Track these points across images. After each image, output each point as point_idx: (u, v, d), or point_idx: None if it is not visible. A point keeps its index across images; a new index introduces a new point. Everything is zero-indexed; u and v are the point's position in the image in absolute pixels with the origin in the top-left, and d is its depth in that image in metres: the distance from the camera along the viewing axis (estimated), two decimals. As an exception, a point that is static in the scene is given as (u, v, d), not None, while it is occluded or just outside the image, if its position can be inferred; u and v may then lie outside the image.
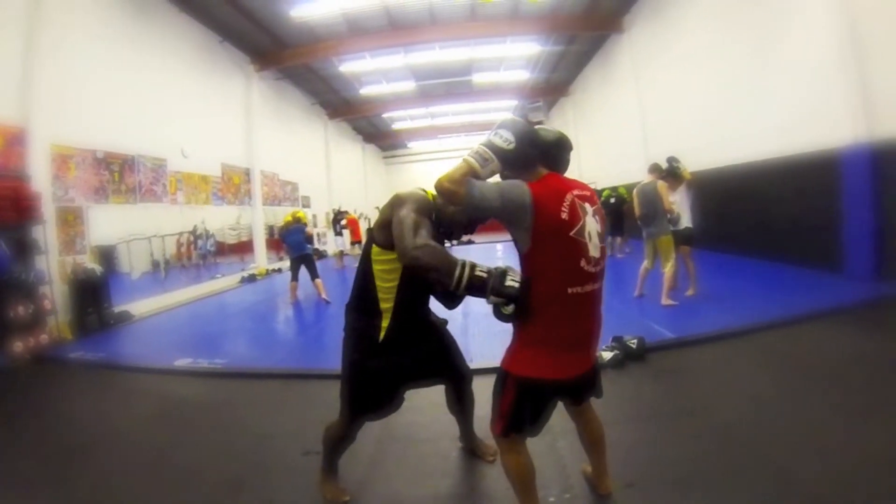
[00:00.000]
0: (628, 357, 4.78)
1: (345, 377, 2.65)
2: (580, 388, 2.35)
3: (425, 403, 2.90)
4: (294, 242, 9.10)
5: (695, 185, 7.10)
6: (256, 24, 12.85)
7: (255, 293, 11.67)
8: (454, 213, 2.42)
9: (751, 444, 3.03)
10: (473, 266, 2.02)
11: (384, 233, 2.37)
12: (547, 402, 2.24)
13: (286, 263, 15.44)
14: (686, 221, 7.06)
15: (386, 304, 2.46)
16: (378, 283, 2.46)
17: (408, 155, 37.03)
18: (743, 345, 4.96)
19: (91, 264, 8.12)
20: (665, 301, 6.67)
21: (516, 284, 2.00)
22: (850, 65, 6.98)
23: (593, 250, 2.09)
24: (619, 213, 12.08)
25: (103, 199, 8.70)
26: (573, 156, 2.34)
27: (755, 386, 3.94)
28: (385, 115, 25.81)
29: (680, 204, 6.96)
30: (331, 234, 17.40)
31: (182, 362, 5.75)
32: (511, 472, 2.29)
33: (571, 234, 2.04)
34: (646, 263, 7.11)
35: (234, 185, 13.28)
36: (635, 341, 4.88)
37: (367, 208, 27.13)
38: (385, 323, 2.48)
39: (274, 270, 14.73)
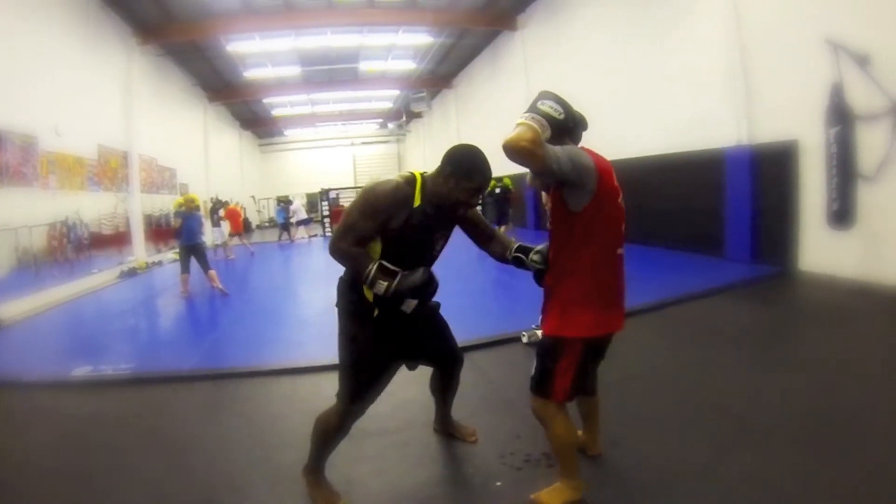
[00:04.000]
0: (561, 335, 5.04)
1: (347, 356, 2.49)
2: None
3: (382, 395, 2.78)
4: (187, 229, 8.54)
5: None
6: (145, -10, 11.73)
7: (140, 288, 10.79)
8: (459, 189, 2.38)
9: (694, 394, 3.58)
10: (376, 277, 2.22)
11: None
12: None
13: (167, 256, 14.57)
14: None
15: None
16: None
17: (284, 143, 36.14)
18: (654, 318, 5.57)
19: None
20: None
21: (416, 282, 2.24)
22: (738, 75, 7.91)
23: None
24: (505, 202, 12.54)
25: (-35, 181, 7.58)
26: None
27: (677, 349, 4.64)
28: (265, 101, 24.90)
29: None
30: (208, 224, 16.38)
31: (81, 372, 4.92)
32: (563, 439, 2.30)
33: (619, 200, 2.20)
34: None
35: (111, 170, 12.07)
36: (565, 320, 5.13)
37: (243, 197, 25.99)
38: (371, 296, 2.41)
39: (154, 263, 13.66)
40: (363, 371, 2.46)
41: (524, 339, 4.91)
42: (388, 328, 2.44)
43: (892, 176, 6.00)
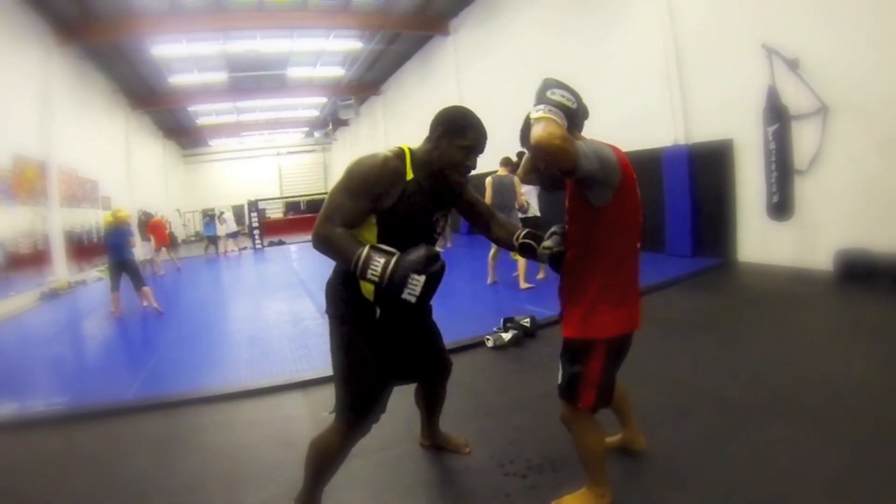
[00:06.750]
0: (525, 335, 5.00)
1: (343, 368, 2.21)
2: None
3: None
4: (114, 245, 8.02)
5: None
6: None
7: (64, 311, 10.07)
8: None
9: (674, 381, 3.67)
10: (368, 258, 1.92)
11: None
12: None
13: (91, 274, 13.70)
14: (535, 210, 7.64)
15: None
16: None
17: (209, 154, 35.15)
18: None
19: None
20: (524, 285, 7.11)
21: (421, 257, 1.94)
22: (673, 78, 8.29)
23: None
24: None
25: None
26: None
27: (643, 341, 4.63)
28: (190, 109, 23.99)
29: (528, 195, 7.50)
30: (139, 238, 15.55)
31: (5, 410, 4.24)
32: (590, 447, 2.20)
33: (637, 191, 2.11)
34: (493, 251, 7.44)
35: (27, 182, 11.08)
36: (528, 321, 5.11)
37: (168, 210, 24.91)
38: (371, 290, 2.13)
39: (77, 283, 12.77)
40: (363, 382, 2.20)
41: (489, 343, 4.83)
42: (388, 332, 2.23)
43: (822, 169, 6.42)
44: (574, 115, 1.91)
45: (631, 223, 2.11)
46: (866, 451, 2.52)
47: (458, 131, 2.14)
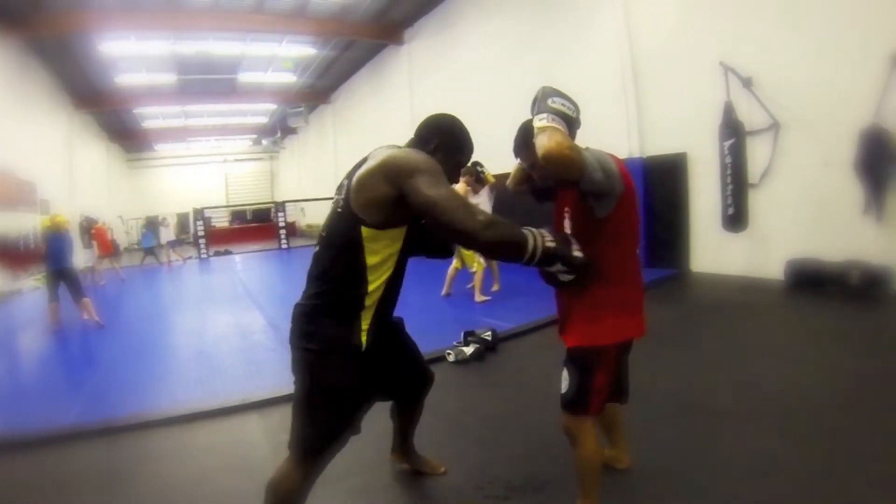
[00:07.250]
0: (487, 349, 4.91)
1: (318, 406, 1.98)
2: None
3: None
4: (53, 252, 7.57)
5: (498, 188, 7.65)
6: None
7: (-6, 323, 9.44)
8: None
9: (651, 392, 3.51)
10: (543, 236, 1.82)
11: (377, 211, 1.87)
12: None
13: (27, 283, 12.97)
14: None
15: (370, 300, 1.96)
16: (369, 276, 1.93)
17: (154, 159, 34.34)
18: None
19: None
20: (479, 298, 7.08)
21: (581, 254, 1.89)
22: (630, 94, 8.54)
23: None
24: None
25: None
26: (332, 161, 2.24)
27: None
28: (136, 112, 23.25)
29: (483, 206, 7.42)
30: (80, 245, 14.81)
31: None
32: (592, 459, 2.16)
33: (636, 199, 2.12)
34: (455, 263, 7.39)
35: None
36: (489, 334, 5.04)
37: (110, 216, 24.00)
38: (366, 325, 1.97)
39: (12, 293, 12.07)
40: (337, 424, 2.01)
41: (450, 358, 4.71)
42: (373, 362, 2.05)
43: (773, 183, 6.72)
44: (572, 125, 1.89)
45: (632, 231, 2.15)
46: (830, 446, 2.66)
47: (456, 147, 2.13)
